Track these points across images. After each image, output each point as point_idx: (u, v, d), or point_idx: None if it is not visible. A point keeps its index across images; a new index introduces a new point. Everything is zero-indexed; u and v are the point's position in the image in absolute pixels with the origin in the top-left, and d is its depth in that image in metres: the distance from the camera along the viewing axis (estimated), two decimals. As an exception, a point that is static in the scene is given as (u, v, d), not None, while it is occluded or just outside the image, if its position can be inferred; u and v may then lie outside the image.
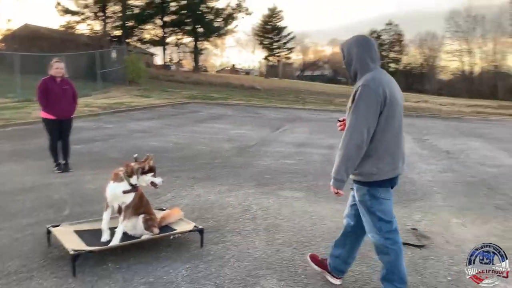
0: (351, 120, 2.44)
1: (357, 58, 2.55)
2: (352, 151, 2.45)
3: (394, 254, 2.62)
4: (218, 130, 11.70)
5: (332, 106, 22.66)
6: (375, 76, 2.48)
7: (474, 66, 69.76)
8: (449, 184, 6.19)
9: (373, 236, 2.66)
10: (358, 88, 2.45)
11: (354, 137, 2.43)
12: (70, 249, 2.97)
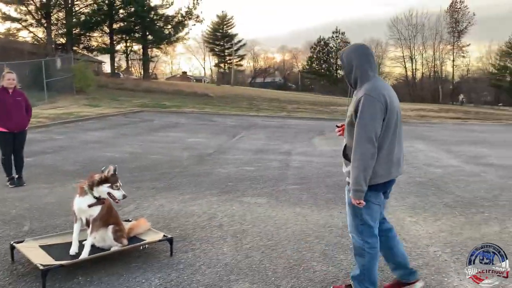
0: (360, 131, 2.51)
1: (357, 67, 2.64)
2: (368, 160, 2.52)
3: (369, 258, 2.72)
4: (174, 138, 11.64)
5: (285, 112, 23.11)
6: (375, 84, 2.60)
7: (416, 72, 73.41)
8: (400, 184, 6.55)
9: (354, 237, 2.78)
10: (360, 98, 2.54)
11: (367, 146, 2.51)
12: (39, 264, 2.91)
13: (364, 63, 2.66)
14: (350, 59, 2.69)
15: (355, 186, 2.55)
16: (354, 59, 2.66)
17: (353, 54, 2.69)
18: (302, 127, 16.76)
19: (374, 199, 2.65)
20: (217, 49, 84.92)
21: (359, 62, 2.65)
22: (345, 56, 2.72)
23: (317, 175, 7.08)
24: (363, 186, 2.54)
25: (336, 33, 75.87)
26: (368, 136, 2.50)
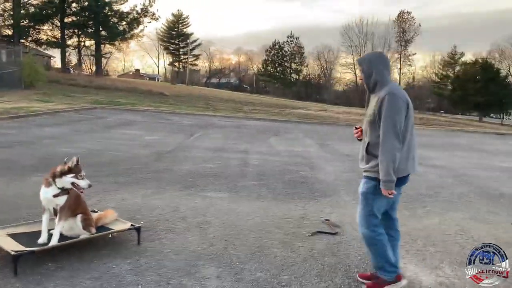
0: (387, 126, 2.75)
1: (377, 72, 2.89)
2: (396, 153, 2.75)
3: (380, 244, 2.97)
4: (131, 136, 11.57)
5: (242, 113, 23.40)
6: (395, 86, 2.89)
7: (366, 78, 75.88)
8: (351, 182, 7.00)
9: (362, 227, 3.02)
10: (384, 97, 2.78)
11: (394, 140, 2.74)
12: (10, 250, 2.98)
13: (383, 69, 2.93)
14: (370, 65, 2.94)
15: (386, 177, 2.76)
16: (375, 65, 2.92)
17: (374, 61, 2.96)
18: (258, 127, 17.11)
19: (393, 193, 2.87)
20: (171, 48, 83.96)
21: (379, 68, 2.91)
22: (365, 62, 2.97)
23: (275, 173, 7.40)
24: (393, 176, 2.76)
25: (291, 38, 77.30)
26: (394, 131, 2.74)
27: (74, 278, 2.98)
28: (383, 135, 2.77)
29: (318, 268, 3.40)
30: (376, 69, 2.91)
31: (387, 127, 2.75)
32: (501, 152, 13.99)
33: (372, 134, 2.88)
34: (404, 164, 2.85)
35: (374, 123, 2.86)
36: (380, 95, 2.83)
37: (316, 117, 24.88)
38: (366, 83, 2.99)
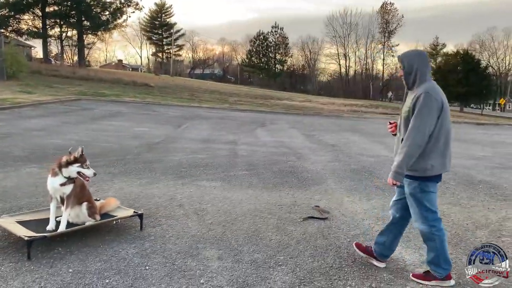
0: (415, 122, 2.86)
1: (417, 69, 2.99)
2: (415, 150, 2.86)
3: (439, 240, 3.04)
4: (119, 127, 11.66)
5: (227, 104, 23.55)
6: (433, 85, 2.97)
7: (349, 69, 76.75)
8: (337, 171, 7.30)
9: (420, 225, 3.07)
10: (420, 95, 2.88)
11: (417, 138, 2.85)
12: (23, 235, 3.16)
13: (424, 67, 3.01)
14: (411, 62, 3.02)
15: (398, 169, 2.92)
16: (416, 62, 3.01)
17: (415, 58, 3.05)
18: (244, 119, 17.31)
19: (432, 188, 3.01)
20: (155, 38, 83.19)
21: (420, 65, 3.01)
22: (406, 59, 3.06)
23: (264, 163, 7.64)
24: (404, 170, 2.91)
25: (275, 28, 77.30)
26: (421, 129, 2.85)
27: (84, 260, 3.18)
28: (410, 130, 2.88)
29: (311, 249, 3.66)
30: (417, 67, 3.00)
31: (416, 125, 2.86)
32: (480, 141, 14.51)
33: (406, 130, 2.98)
34: (441, 162, 2.97)
35: (408, 120, 2.96)
36: (417, 92, 2.93)
37: (301, 108, 25.19)
38: (406, 80, 3.08)
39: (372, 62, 73.93)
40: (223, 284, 2.93)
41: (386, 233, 3.37)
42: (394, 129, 3.23)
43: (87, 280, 2.88)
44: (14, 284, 2.78)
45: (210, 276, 3.04)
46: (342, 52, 74.39)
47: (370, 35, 71.71)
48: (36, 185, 5.25)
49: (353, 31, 72.80)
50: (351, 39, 73.39)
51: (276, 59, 77.89)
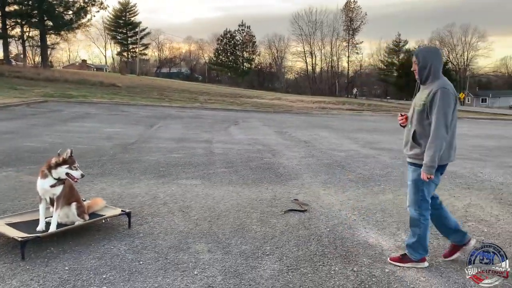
0: (438, 117, 3.03)
1: (431, 65, 3.16)
2: (443, 143, 3.05)
3: (424, 228, 3.26)
4: (90, 129, 11.54)
5: (198, 103, 23.54)
6: (446, 81, 3.16)
7: (316, 66, 77.78)
8: (312, 166, 7.57)
9: (412, 210, 3.29)
10: (437, 90, 3.06)
11: (443, 131, 3.03)
12: (16, 236, 3.22)
13: (438, 63, 3.19)
14: (426, 58, 3.19)
15: (431, 163, 3.06)
16: (431, 59, 3.18)
17: (430, 54, 3.23)
18: (216, 117, 17.42)
19: (435, 178, 3.16)
20: (119, 37, 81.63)
21: (435, 62, 3.18)
22: (421, 55, 3.22)
23: (241, 160, 7.82)
24: (436, 163, 3.07)
25: (242, 26, 77.38)
26: (445, 123, 3.03)
27: (78, 258, 3.27)
28: (435, 125, 3.05)
29: (295, 239, 3.87)
30: (431, 63, 3.17)
31: (439, 119, 3.03)
32: (442, 134, 15.20)
33: (419, 123, 3.17)
34: (447, 152, 3.16)
35: (423, 113, 3.13)
36: (433, 88, 3.10)
37: (271, 105, 25.49)
38: (419, 74, 3.22)
39: (337, 59, 75.29)
40: (216, 274, 3.10)
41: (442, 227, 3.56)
42: (404, 121, 3.39)
43: (84, 276, 2.98)
44: (12, 283, 2.85)
45: (203, 267, 3.20)
46: (308, 50, 75.36)
47: (335, 33, 73.05)
48: (16, 188, 5.23)
49: (318, 29, 73.95)
50: (316, 37, 74.50)
51: (244, 57, 78.07)
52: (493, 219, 4.80)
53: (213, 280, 3.01)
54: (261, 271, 3.18)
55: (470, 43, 77.68)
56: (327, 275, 3.16)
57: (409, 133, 3.26)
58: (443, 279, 3.17)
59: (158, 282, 2.94)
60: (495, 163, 8.78)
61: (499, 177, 7.22)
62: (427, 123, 3.13)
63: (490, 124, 23.92)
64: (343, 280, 3.09)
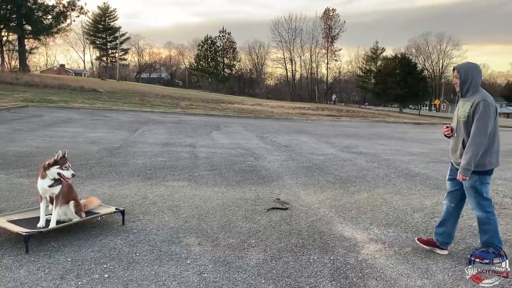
0: (478, 126, 3.38)
1: (472, 80, 3.53)
2: (480, 149, 3.38)
3: (494, 223, 3.53)
4: (74, 133, 11.68)
5: (179, 108, 23.74)
6: (486, 93, 3.50)
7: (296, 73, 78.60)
8: (292, 169, 7.95)
9: (478, 212, 3.58)
10: (479, 102, 3.41)
11: (482, 139, 3.37)
12: (20, 231, 3.47)
13: (478, 78, 3.55)
14: (468, 73, 3.54)
15: (468, 166, 3.41)
16: (471, 73, 3.54)
17: (471, 70, 3.57)
18: (198, 122, 17.67)
19: (489, 180, 3.58)
20: (98, 42, 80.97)
21: (475, 76, 3.55)
22: (463, 70, 3.57)
23: (225, 163, 8.14)
24: (472, 167, 3.41)
25: (223, 33, 77.74)
26: (485, 132, 3.37)
27: (79, 251, 3.54)
28: (474, 132, 3.40)
29: (277, 233, 4.22)
30: (472, 78, 3.53)
31: (479, 127, 3.39)
32: (418, 139, 15.83)
33: (466, 133, 3.51)
34: (496, 158, 3.51)
35: (468, 124, 3.49)
36: (475, 100, 3.46)
37: (252, 111, 25.86)
38: (461, 88, 3.59)
39: (316, 66, 76.36)
40: (207, 263, 3.42)
41: (444, 223, 3.87)
42: (450, 132, 3.76)
43: (86, 266, 3.26)
44: (20, 272, 3.11)
45: (194, 257, 3.52)
46: (288, 57, 76.19)
47: (314, 40, 74.10)
48: (9, 190, 5.44)
49: (298, 36, 74.97)
50: (296, 44, 75.42)
51: (225, 63, 78.40)
52: (458, 215, 5.25)
53: (205, 268, 3.33)
54: (247, 260, 3.52)
55: (445, 51, 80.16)
56: (307, 263, 3.52)
57: (458, 143, 3.62)
58: (408, 265, 3.57)
59: (155, 270, 3.25)
60: (464, 166, 9.33)
61: (466, 179, 7.73)
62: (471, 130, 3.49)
63: (463, 129, 24.80)
64: (321, 267, 3.45)
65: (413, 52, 76.04)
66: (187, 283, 3.06)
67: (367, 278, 3.28)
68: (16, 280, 3.00)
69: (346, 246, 3.96)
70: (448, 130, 3.77)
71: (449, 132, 3.77)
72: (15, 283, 2.96)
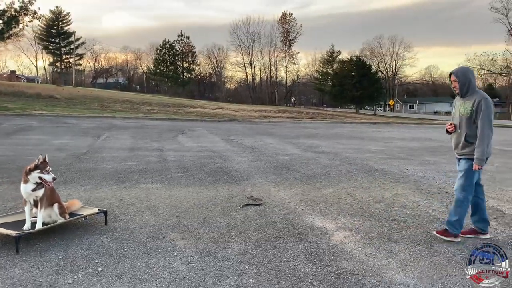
0: (485, 121, 3.94)
1: (471, 81, 4.11)
2: (489, 141, 3.97)
3: (465, 208, 4.14)
4: (38, 141, 11.51)
5: (141, 113, 23.58)
6: (484, 93, 4.08)
7: (255, 76, 79.22)
8: (261, 168, 8.29)
9: (459, 193, 4.14)
10: (480, 100, 3.97)
11: (489, 132, 3.95)
12: (11, 232, 3.60)
13: (474, 79, 4.14)
14: (466, 76, 4.13)
15: (482, 156, 3.96)
16: (469, 76, 4.13)
17: (468, 73, 4.16)
18: (162, 127, 17.72)
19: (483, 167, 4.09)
20: (52, 47, 78.34)
21: (472, 78, 4.15)
22: (461, 74, 4.14)
23: (195, 166, 8.37)
24: (485, 157, 3.98)
25: (182, 37, 77.28)
26: (490, 125, 3.96)
27: (68, 250, 3.71)
28: (482, 127, 3.96)
29: (254, 226, 4.54)
30: (471, 79, 4.12)
31: (486, 122, 3.96)
32: (374, 138, 16.64)
33: (469, 128, 4.07)
34: (490, 148, 4.08)
35: (470, 119, 4.05)
36: (476, 98, 4.03)
37: (215, 115, 26.07)
38: (461, 90, 4.14)
39: (276, 69, 77.42)
40: (192, 254, 3.69)
41: (475, 212, 4.35)
42: (453, 128, 4.27)
43: (79, 262, 3.45)
44: (15, 271, 3.25)
45: (180, 250, 3.77)
46: (248, 60, 76.78)
47: (273, 44, 75.11)
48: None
49: (257, 40, 75.68)
50: (255, 47, 76.16)
51: (184, 67, 77.95)
52: (415, 204, 5.77)
53: (191, 258, 3.59)
54: (230, 250, 3.82)
55: (397, 53, 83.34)
56: (284, 249, 3.86)
57: (461, 136, 4.17)
58: (374, 248, 3.99)
59: (145, 263, 3.48)
60: (418, 161, 10.03)
61: (421, 173, 8.36)
62: (474, 126, 4.04)
63: (416, 128, 26.19)
64: (297, 252, 3.80)
65: (368, 55, 78.74)
66: (177, 272, 3.32)
67: (339, 260, 3.66)
68: (12, 277, 3.15)
69: (317, 234, 4.33)
70: (451, 127, 4.29)
71: (452, 129, 4.28)
72: (12, 280, 3.11)
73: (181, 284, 3.10)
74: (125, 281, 3.14)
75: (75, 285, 3.06)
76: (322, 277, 3.29)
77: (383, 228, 4.60)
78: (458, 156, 4.27)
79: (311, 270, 3.42)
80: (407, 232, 4.47)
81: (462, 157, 4.20)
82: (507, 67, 65.01)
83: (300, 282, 3.19)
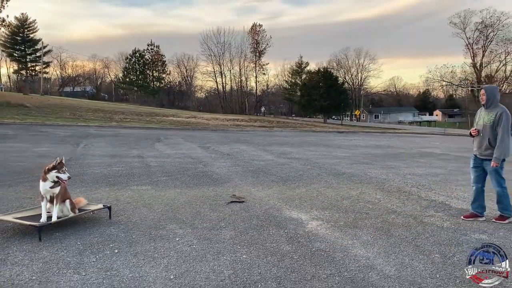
0: (504, 129, 5.08)
1: (495, 97, 5.31)
2: (508, 145, 5.06)
3: (507, 195, 5.26)
4: (19, 148, 11.82)
5: (114, 122, 23.85)
6: (504, 106, 5.22)
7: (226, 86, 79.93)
8: (239, 172, 9.02)
9: (497, 187, 5.26)
10: (502, 112, 5.14)
11: (506, 138, 5.04)
12: (34, 223, 4.18)
13: (498, 95, 5.34)
14: (493, 92, 5.34)
15: (500, 156, 5.12)
16: (494, 93, 5.35)
17: (494, 90, 5.40)
18: (137, 135, 18.16)
19: (504, 165, 5.26)
20: (17, 55, 76.59)
21: (497, 94, 5.36)
22: (489, 91, 5.34)
23: (178, 170, 9.01)
24: (502, 157, 5.14)
25: (151, 46, 77.27)
26: (508, 133, 5.05)
27: (84, 238, 4.31)
28: (502, 134, 5.11)
29: (240, 218, 5.26)
30: (495, 95, 5.32)
31: (504, 130, 5.10)
32: (341, 145, 17.69)
33: (491, 134, 5.21)
34: (510, 150, 5.20)
35: (493, 127, 5.19)
36: (498, 111, 5.20)
37: (188, 123, 26.61)
38: (487, 102, 5.30)
39: (246, 79, 78.53)
40: (192, 239, 4.37)
41: (477, 199, 5.51)
42: (477, 133, 5.39)
43: (96, 247, 4.07)
44: (43, 253, 3.84)
45: (181, 236, 4.45)
46: (218, 70, 77.53)
47: (243, 55, 76.28)
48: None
49: (227, 50, 76.63)
50: (225, 57, 77.05)
51: (154, 76, 77.87)
52: (376, 200, 6.64)
53: (191, 242, 4.28)
54: (222, 236, 4.52)
55: (363, 65, 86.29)
56: (268, 235, 4.61)
57: (484, 140, 5.31)
58: (342, 232, 4.79)
59: (154, 246, 4.14)
60: (381, 166, 11.03)
61: (382, 175, 9.31)
62: (495, 133, 5.19)
63: (380, 136, 27.61)
64: (278, 236, 4.55)
65: (335, 66, 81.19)
66: (181, 252, 4.00)
67: (313, 241, 4.43)
68: (44, 257, 3.74)
69: (295, 223, 5.10)
70: (476, 131, 5.42)
71: (476, 133, 5.41)
72: (44, 259, 3.70)
73: (187, 260, 3.79)
74: (140, 258, 3.80)
75: (99, 262, 3.69)
76: (300, 253, 4.06)
77: (349, 218, 5.42)
78: (480, 156, 5.39)
79: (291, 248, 4.18)
80: (369, 221, 5.31)
81: (486, 158, 5.32)
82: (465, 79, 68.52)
83: (283, 256, 3.94)
